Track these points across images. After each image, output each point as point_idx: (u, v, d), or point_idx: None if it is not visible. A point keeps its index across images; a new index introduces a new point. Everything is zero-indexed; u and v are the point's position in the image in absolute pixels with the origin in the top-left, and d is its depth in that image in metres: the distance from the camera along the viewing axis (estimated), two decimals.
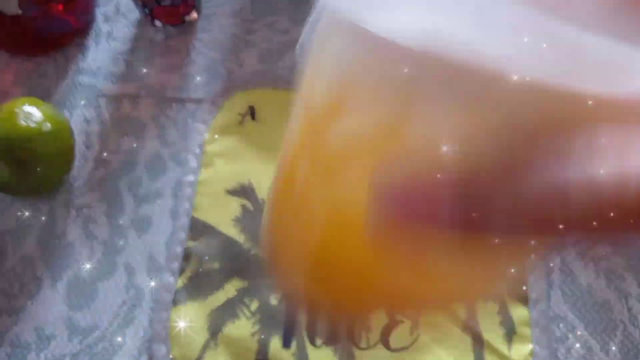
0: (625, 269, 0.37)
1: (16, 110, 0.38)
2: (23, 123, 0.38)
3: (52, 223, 0.41)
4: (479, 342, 0.34)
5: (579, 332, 0.35)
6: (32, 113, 0.39)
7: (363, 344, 0.35)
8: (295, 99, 0.17)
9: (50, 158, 0.39)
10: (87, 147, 0.43)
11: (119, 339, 0.37)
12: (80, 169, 0.43)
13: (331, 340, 0.35)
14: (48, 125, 0.39)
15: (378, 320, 0.35)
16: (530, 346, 0.34)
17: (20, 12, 0.43)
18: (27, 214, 0.41)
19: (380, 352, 0.35)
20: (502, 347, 0.34)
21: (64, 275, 0.39)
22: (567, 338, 0.35)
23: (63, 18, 0.46)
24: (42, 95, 0.44)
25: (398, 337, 0.35)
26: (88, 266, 0.39)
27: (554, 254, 0.34)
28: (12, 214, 0.41)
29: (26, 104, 0.39)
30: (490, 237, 0.12)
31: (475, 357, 0.34)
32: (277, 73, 0.45)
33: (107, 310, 0.38)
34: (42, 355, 0.37)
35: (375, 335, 0.35)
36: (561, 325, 0.36)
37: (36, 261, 0.40)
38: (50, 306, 0.38)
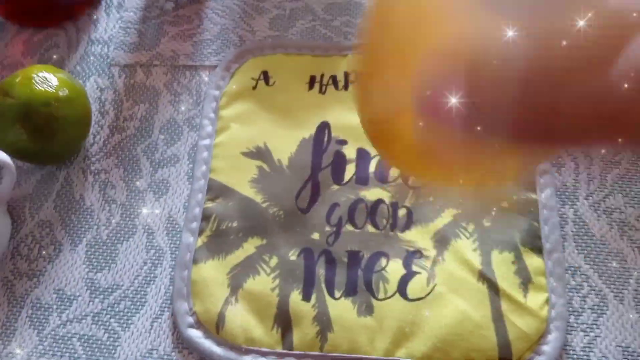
0: (639, 220, 0.37)
1: (33, 75, 0.39)
2: (40, 88, 0.38)
3: (69, 188, 0.41)
4: (494, 291, 0.35)
5: (593, 282, 0.36)
6: (48, 78, 0.39)
7: (381, 295, 0.35)
8: None
9: (68, 123, 0.39)
10: (102, 114, 0.44)
11: (141, 297, 0.37)
12: (96, 136, 0.43)
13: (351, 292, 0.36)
14: (65, 91, 0.39)
15: (394, 273, 0.36)
16: (546, 295, 0.35)
17: None
18: (43, 179, 0.42)
19: (397, 302, 0.35)
20: (519, 295, 0.35)
21: (84, 238, 0.40)
22: (582, 287, 0.36)
23: None
24: (54, 65, 0.44)
25: (415, 288, 0.35)
26: (107, 229, 0.40)
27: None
28: (29, 180, 0.42)
29: (42, 70, 0.39)
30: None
31: (491, 305, 0.35)
32: (289, 39, 0.45)
33: (128, 270, 0.38)
34: (63, 316, 0.37)
35: (392, 286, 0.36)
36: (576, 275, 0.36)
37: (55, 225, 0.40)
38: (71, 268, 0.39)
